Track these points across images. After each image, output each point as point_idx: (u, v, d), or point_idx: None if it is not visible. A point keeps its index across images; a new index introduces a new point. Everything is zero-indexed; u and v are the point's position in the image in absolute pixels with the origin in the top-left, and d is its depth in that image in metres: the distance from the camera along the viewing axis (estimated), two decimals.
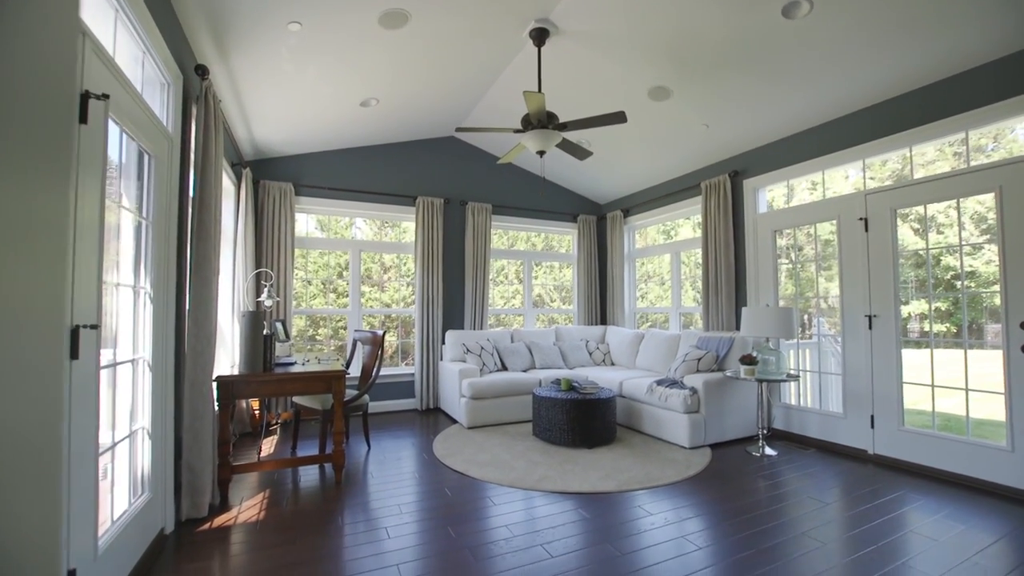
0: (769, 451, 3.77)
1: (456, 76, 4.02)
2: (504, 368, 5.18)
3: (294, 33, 3.00)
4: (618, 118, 3.12)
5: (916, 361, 3.77)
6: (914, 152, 3.59)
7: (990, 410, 3.33)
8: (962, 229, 3.39)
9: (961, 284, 3.84)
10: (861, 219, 3.72)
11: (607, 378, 4.76)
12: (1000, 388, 2.98)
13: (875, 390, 3.63)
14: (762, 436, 3.81)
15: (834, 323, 4.59)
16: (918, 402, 3.76)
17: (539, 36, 3.32)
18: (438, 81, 4.07)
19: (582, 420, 3.83)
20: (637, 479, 3.16)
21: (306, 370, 3.02)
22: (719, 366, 4.31)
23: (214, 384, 2.70)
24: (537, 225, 6.38)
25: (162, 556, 2.19)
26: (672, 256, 5.83)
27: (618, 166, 5.57)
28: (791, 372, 4.01)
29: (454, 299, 5.69)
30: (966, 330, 3.40)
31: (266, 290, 4.18)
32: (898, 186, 3.53)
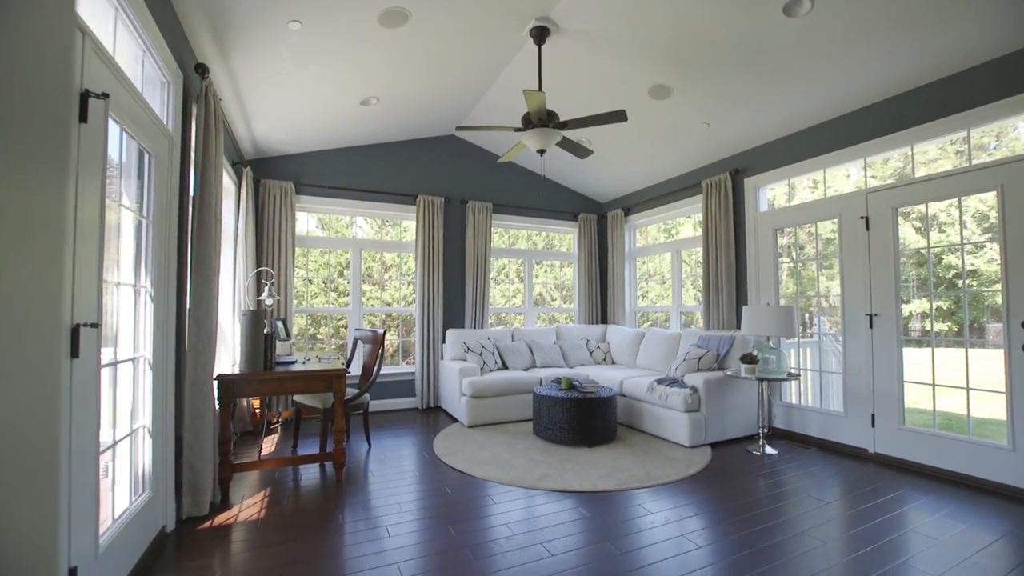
0: (770, 450, 3.77)
1: (456, 75, 4.02)
2: (505, 367, 5.19)
3: (294, 32, 3.00)
4: (618, 116, 3.12)
5: (917, 360, 3.77)
6: (916, 150, 3.58)
7: (991, 409, 3.32)
8: (964, 228, 3.39)
9: (962, 283, 3.83)
10: (862, 217, 3.72)
11: (608, 377, 4.76)
12: (1001, 387, 2.98)
13: (876, 389, 3.62)
14: (763, 435, 3.81)
15: (835, 322, 4.59)
16: (919, 401, 3.76)
17: (539, 34, 3.32)
18: (438, 80, 4.07)
19: (582, 419, 3.83)
20: (637, 478, 3.16)
21: (307, 369, 3.02)
22: (720, 365, 4.30)
23: (215, 383, 2.71)
24: (538, 224, 6.38)
25: (163, 554, 2.20)
26: (673, 255, 5.82)
27: (619, 165, 5.56)
28: (792, 371, 4.01)
29: (455, 298, 5.70)
30: (967, 329, 3.39)
31: (267, 289, 4.19)
32: (899, 184, 3.52)
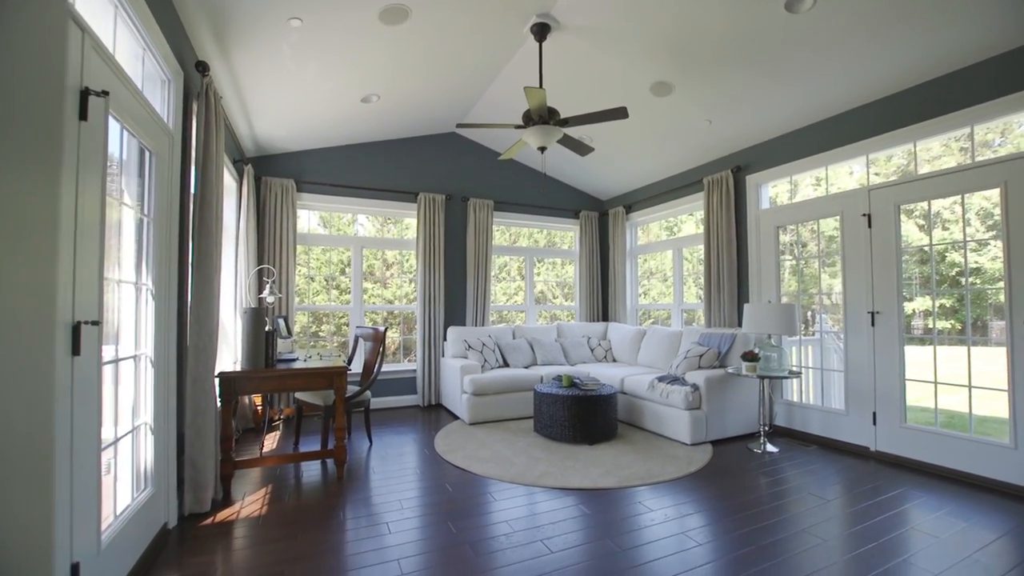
0: (771, 448, 3.76)
1: (457, 72, 4.01)
2: (506, 364, 5.19)
3: (295, 29, 3.00)
4: (619, 114, 3.10)
5: (919, 358, 3.76)
6: (919, 147, 3.56)
7: (993, 407, 3.31)
8: (967, 225, 3.37)
9: (966, 281, 3.81)
10: (865, 215, 3.70)
11: (609, 374, 4.76)
12: (1004, 385, 2.96)
13: (877, 387, 3.61)
14: (764, 433, 3.80)
15: (837, 320, 4.58)
16: (921, 399, 3.74)
17: (540, 31, 3.31)
18: (439, 77, 4.06)
19: (583, 416, 3.83)
20: (638, 475, 3.16)
21: (308, 366, 3.03)
22: (721, 363, 4.30)
23: (216, 380, 2.72)
24: (539, 221, 6.37)
25: (165, 550, 2.21)
26: (674, 252, 5.81)
27: (620, 162, 5.54)
28: (793, 369, 4.00)
29: (456, 295, 5.70)
30: (970, 327, 3.38)
31: (268, 286, 4.20)
32: (902, 181, 3.50)
